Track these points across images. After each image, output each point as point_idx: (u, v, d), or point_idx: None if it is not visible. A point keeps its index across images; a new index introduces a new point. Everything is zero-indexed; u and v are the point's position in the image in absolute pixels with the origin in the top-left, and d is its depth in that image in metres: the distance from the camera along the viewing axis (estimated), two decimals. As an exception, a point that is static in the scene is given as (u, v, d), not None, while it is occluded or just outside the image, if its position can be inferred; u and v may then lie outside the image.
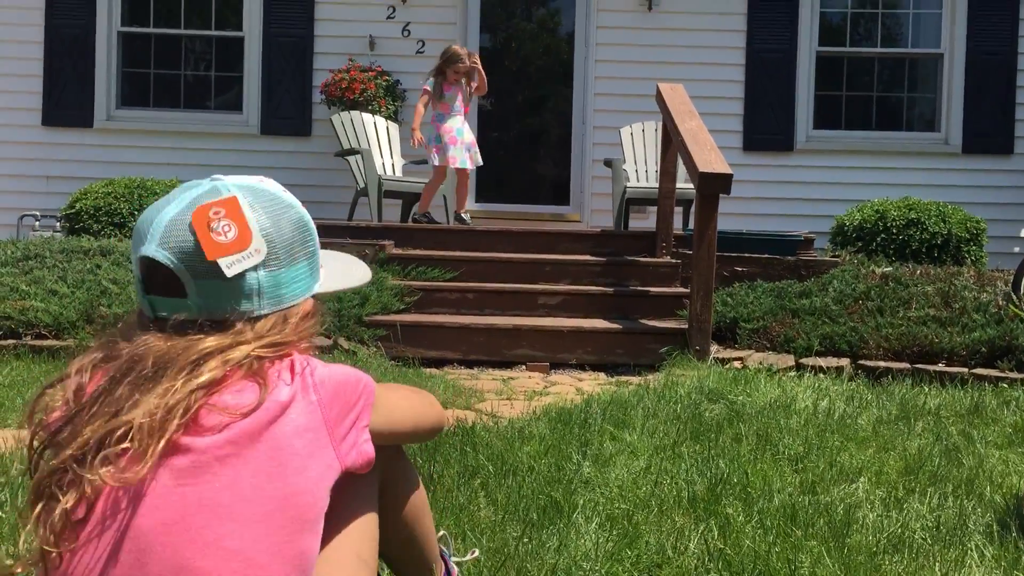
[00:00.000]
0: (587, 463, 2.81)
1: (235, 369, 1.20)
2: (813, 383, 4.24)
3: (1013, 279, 5.26)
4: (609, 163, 7.56)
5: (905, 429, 3.39)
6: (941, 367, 4.50)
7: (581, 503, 2.42)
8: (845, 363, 4.62)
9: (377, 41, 8.11)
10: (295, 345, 1.29)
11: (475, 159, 6.89)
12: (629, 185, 7.32)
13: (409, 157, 7.57)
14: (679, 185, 6.49)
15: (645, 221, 7.59)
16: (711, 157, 5.08)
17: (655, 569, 2.08)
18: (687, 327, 5.05)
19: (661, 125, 6.39)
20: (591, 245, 6.36)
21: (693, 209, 5.86)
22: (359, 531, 1.32)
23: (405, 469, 1.53)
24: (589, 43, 8.27)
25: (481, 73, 6.81)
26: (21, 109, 8.10)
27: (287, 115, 8.17)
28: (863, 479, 2.73)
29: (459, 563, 1.97)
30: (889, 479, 2.76)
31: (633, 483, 2.63)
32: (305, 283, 1.34)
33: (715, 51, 8.15)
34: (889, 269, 5.73)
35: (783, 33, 8.21)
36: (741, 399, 3.81)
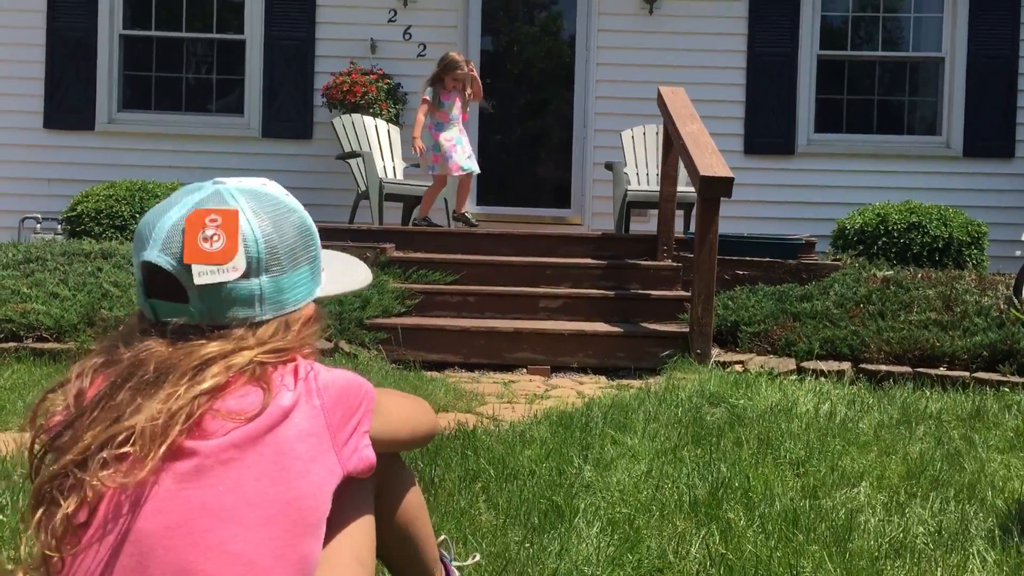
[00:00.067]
0: (588, 467, 2.81)
1: (238, 375, 1.20)
2: (814, 387, 4.24)
3: (1014, 283, 5.25)
4: (610, 166, 7.56)
5: (906, 433, 3.38)
6: (942, 371, 4.50)
7: (582, 507, 2.42)
8: (846, 367, 4.61)
9: (378, 44, 8.12)
10: (298, 350, 1.29)
11: (474, 164, 6.90)
12: (630, 188, 7.32)
13: (410, 160, 7.58)
14: (680, 188, 6.49)
15: (646, 224, 7.58)
16: (712, 160, 5.08)
17: (657, 574, 2.07)
18: (688, 330, 5.04)
19: (662, 128, 6.39)
20: (592, 248, 6.36)
21: (694, 212, 5.86)
22: (357, 534, 1.32)
23: (400, 472, 1.53)
24: (590, 46, 8.27)
25: (477, 80, 6.83)
26: (23, 112, 8.11)
27: (288, 118, 8.17)
28: (865, 483, 2.73)
29: (460, 567, 1.97)
30: (891, 483, 2.76)
31: (634, 487, 2.62)
32: (307, 288, 1.33)
33: (716, 54, 8.15)
34: (890, 273, 5.73)
35: (784, 36, 8.21)
36: (742, 403, 3.81)
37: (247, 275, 1.25)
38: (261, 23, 8.20)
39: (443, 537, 1.88)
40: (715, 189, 4.93)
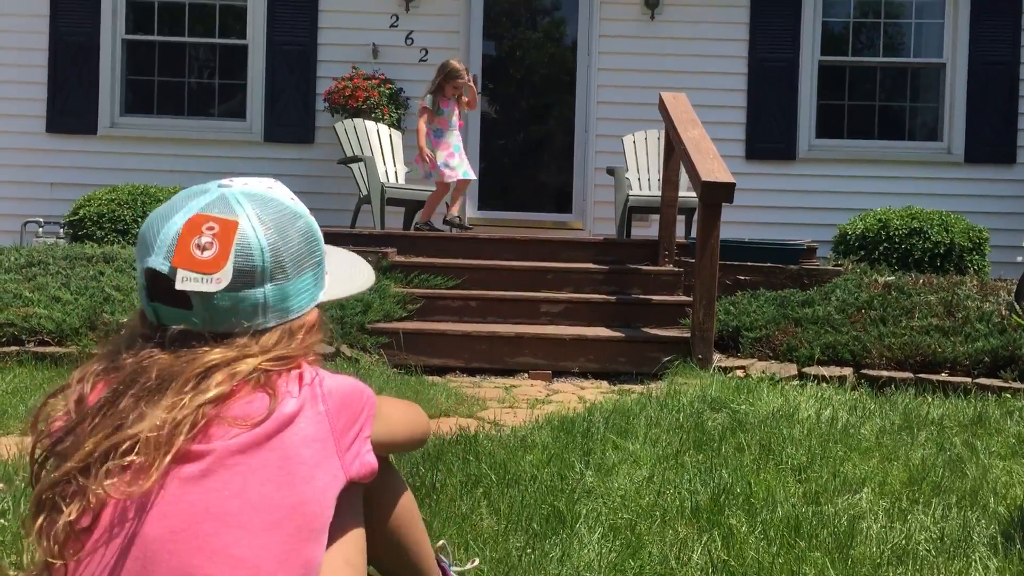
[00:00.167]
0: (590, 472, 2.81)
1: (243, 383, 1.20)
2: (816, 392, 4.23)
3: (1016, 289, 5.25)
4: (612, 171, 7.57)
5: (908, 439, 3.38)
6: (944, 377, 4.49)
7: (584, 513, 2.41)
8: (848, 372, 4.61)
9: (380, 49, 8.13)
10: (302, 357, 1.29)
11: (471, 171, 6.98)
12: (631, 193, 7.32)
13: (412, 165, 7.58)
14: (682, 193, 6.49)
15: (647, 229, 7.58)
16: (714, 166, 5.08)
17: (658, 580, 2.07)
18: (690, 336, 5.04)
19: (664, 133, 6.39)
20: (594, 253, 6.36)
21: (696, 218, 5.87)
22: (346, 537, 1.31)
23: (390, 475, 1.52)
24: (592, 51, 8.28)
25: (472, 89, 6.88)
26: (25, 116, 8.12)
27: (290, 123, 8.18)
28: (866, 489, 2.73)
29: (460, 572, 1.97)
30: (893, 490, 2.75)
31: (636, 493, 2.62)
32: (310, 293, 1.33)
33: (717, 60, 8.16)
34: (892, 278, 5.72)
35: (785, 42, 8.22)
36: (744, 408, 3.80)
37: (252, 284, 1.24)
38: (263, 28, 8.21)
39: (441, 542, 1.88)
40: (717, 194, 4.93)
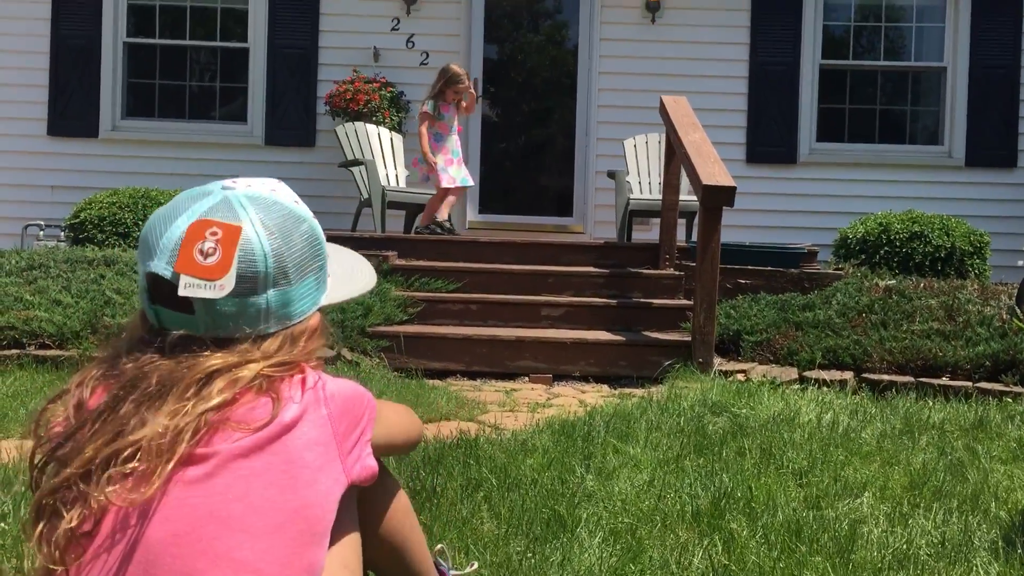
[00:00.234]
0: (590, 476, 2.81)
1: (245, 389, 1.20)
2: (817, 396, 4.23)
3: (1017, 293, 5.25)
4: (612, 175, 7.57)
5: (909, 443, 3.38)
6: (945, 381, 4.49)
7: (584, 517, 2.41)
8: (849, 376, 4.61)
9: (381, 52, 8.14)
10: (304, 362, 1.28)
11: (469, 178, 7.00)
12: (632, 197, 7.32)
13: (411, 168, 7.58)
14: (682, 197, 6.50)
15: (648, 233, 7.58)
16: (714, 169, 5.08)
17: (659, 584, 2.07)
18: (690, 339, 5.04)
19: (664, 137, 6.40)
20: (594, 257, 6.36)
21: (696, 221, 5.87)
22: (343, 540, 1.31)
23: (385, 477, 1.52)
24: (593, 55, 8.29)
25: (472, 95, 6.88)
26: (26, 119, 8.12)
27: (291, 126, 8.19)
28: (868, 494, 2.72)
29: (459, 576, 1.96)
30: (894, 494, 2.75)
31: (636, 497, 2.62)
32: (313, 298, 1.33)
33: (718, 63, 8.17)
34: (892, 282, 5.72)
35: (786, 46, 8.22)
36: (745, 412, 3.80)
37: (254, 290, 1.24)
38: (265, 31, 8.22)
39: (440, 546, 1.88)
40: (717, 198, 4.93)
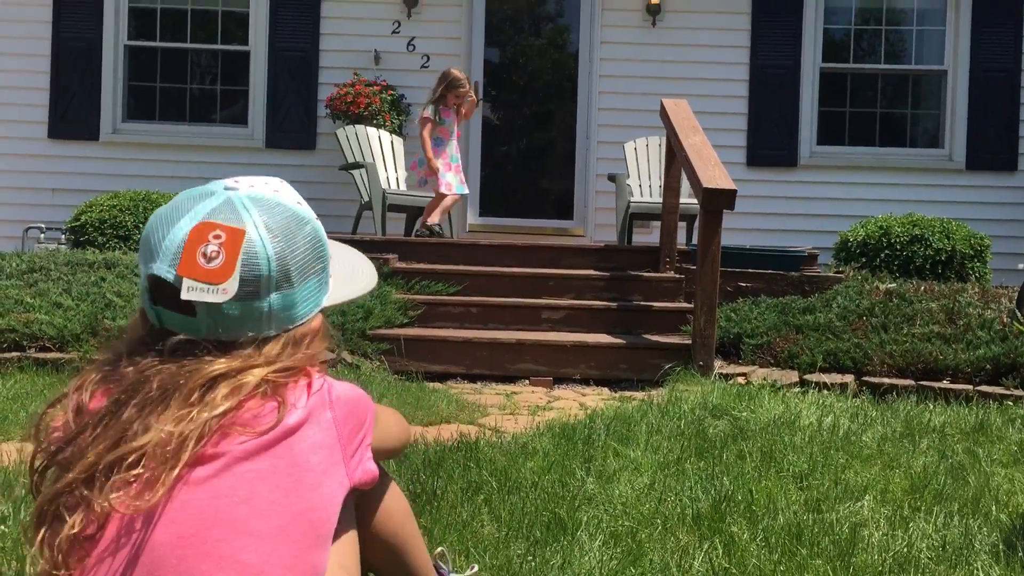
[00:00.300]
0: (591, 479, 2.80)
1: (250, 396, 1.19)
2: (817, 399, 4.23)
3: (1018, 296, 5.24)
4: (613, 178, 7.57)
5: (910, 447, 3.37)
6: (946, 384, 4.49)
7: (585, 520, 2.41)
8: (849, 379, 4.60)
9: (382, 56, 8.14)
10: (309, 365, 1.28)
11: (466, 187, 7.02)
12: (633, 200, 7.33)
13: (409, 171, 7.58)
14: (683, 200, 6.50)
15: (649, 236, 7.58)
16: (715, 172, 5.08)
17: (659, 587, 2.07)
18: (691, 342, 5.04)
19: (665, 140, 6.39)
20: (595, 260, 6.36)
21: (697, 224, 5.87)
22: (341, 542, 1.31)
23: (383, 480, 1.52)
24: (593, 58, 8.29)
25: (473, 101, 6.88)
26: (27, 122, 8.13)
27: (292, 129, 8.19)
28: (868, 497, 2.72)
29: (459, 579, 1.96)
30: (894, 497, 2.75)
31: (637, 500, 2.62)
32: (315, 299, 1.32)
33: (719, 67, 8.17)
34: (893, 285, 5.72)
35: (787, 49, 8.23)
36: (745, 415, 3.80)
37: (257, 294, 1.23)
38: (265, 34, 8.23)
39: (440, 549, 1.88)
40: (718, 201, 4.93)
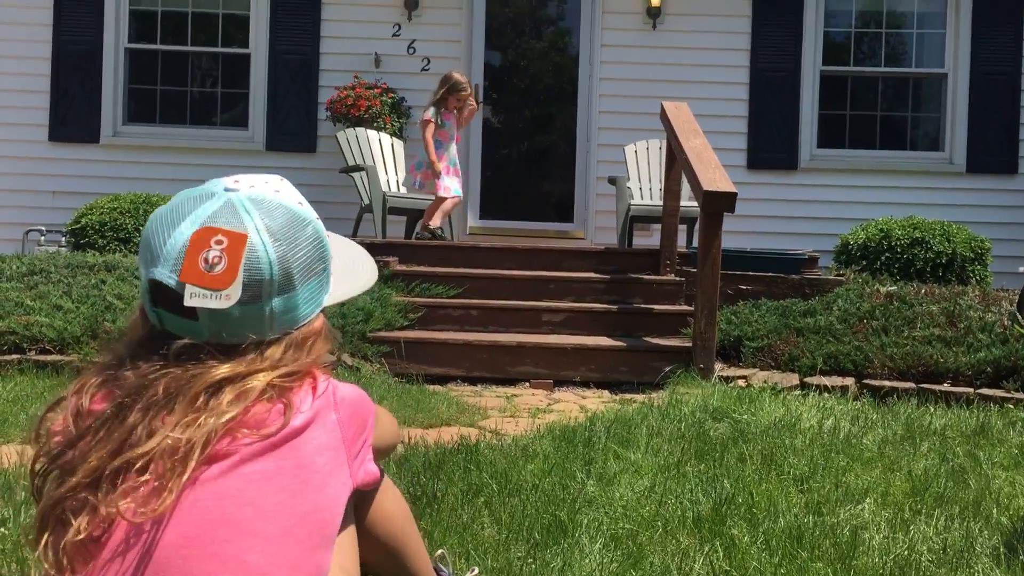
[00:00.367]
0: (591, 482, 2.80)
1: (256, 400, 1.19)
2: (818, 402, 4.22)
3: (1018, 299, 5.24)
4: (613, 181, 7.57)
5: (911, 449, 3.37)
6: (946, 387, 4.48)
7: (585, 523, 2.41)
8: (850, 382, 4.60)
9: (383, 58, 8.15)
10: (312, 367, 1.28)
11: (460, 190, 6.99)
12: (633, 203, 7.33)
13: (407, 174, 7.58)
14: (683, 203, 6.50)
15: (649, 239, 7.59)
16: (715, 175, 5.08)
17: (660, 590, 2.06)
18: (691, 345, 5.03)
19: (665, 143, 6.40)
20: (595, 262, 6.36)
21: (697, 227, 5.87)
22: (339, 542, 1.31)
23: (382, 481, 1.52)
24: (594, 61, 8.30)
25: (473, 107, 6.88)
26: (28, 125, 8.14)
27: (292, 131, 8.20)
28: (869, 500, 2.71)
29: (460, 582, 1.96)
30: (895, 500, 2.74)
31: (637, 503, 2.61)
32: (316, 300, 1.32)
33: (719, 70, 8.18)
34: (893, 288, 5.72)
35: (787, 52, 8.24)
36: (746, 418, 3.79)
37: (259, 298, 1.22)
38: (266, 37, 8.24)
39: (440, 552, 1.87)
40: (718, 204, 4.93)
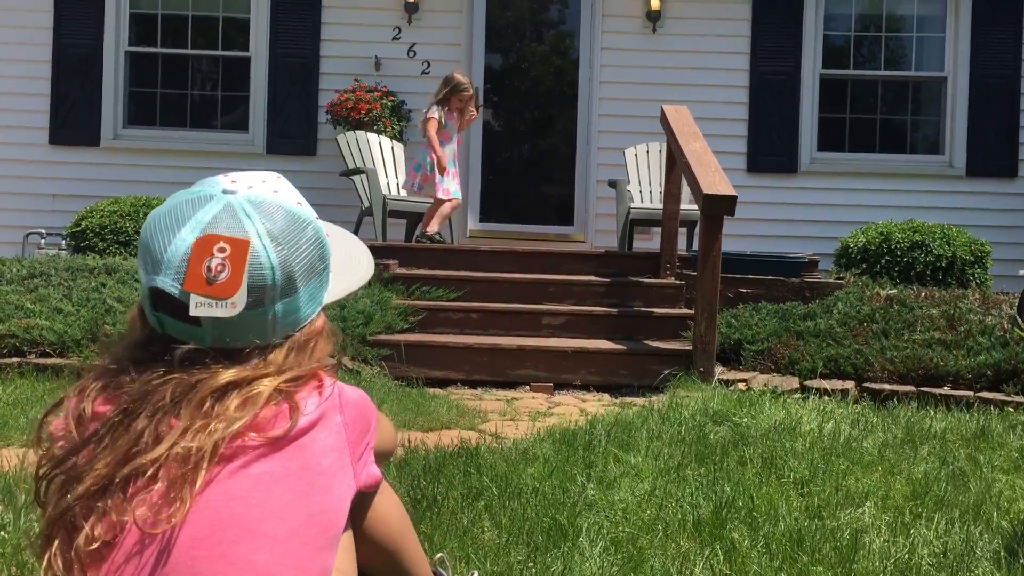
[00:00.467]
0: (591, 485, 2.80)
1: (263, 406, 1.19)
2: (818, 406, 4.22)
3: (1018, 302, 5.24)
4: (613, 184, 7.58)
5: (911, 453, 3.37)
6: (946, 390, 4.48)
7: (585, 526, 2.41)
8: (850, 386, 4.60)
9: (383, 62, 8.16)
10: (317, 368, 1.28)
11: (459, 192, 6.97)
12: (633, 206, 7.33)
13: (406, 177, 7.59)
14: (683, 206, 6.50)
15: (649, 242, 7.59)
16: (715, 179, 5.08)
17: (660, 594, 2.06)
18: (691, 348, 5.03)
19: (665, 146, 6.40)
20: (595, 266, 6.36)
21: (697, 230, 5.86)
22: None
23: (381, 484, 1.52)
24: (594, 64, 8.31)
25: (473, 113, 6.88)
26: (28, 127, 8.15)
27: (293, 135, 8.20)
28: (869, 503, 2.71)
29: (461, 585, 1.96)
30: (895, 504, 2.74)
31: (638, 506, 2.61)
32: (317, 299, 1.32)
33: (719, 73, 8.19)
34: (894, 291, 5.72)
35: (787, 55, 8.25)
36: (746, 421, 3.79)
37: (262, 303, 1.22)
38: (266, 40, 8.25)
39: (440, 555, 1.87)
40: (718, 207, 4.93)
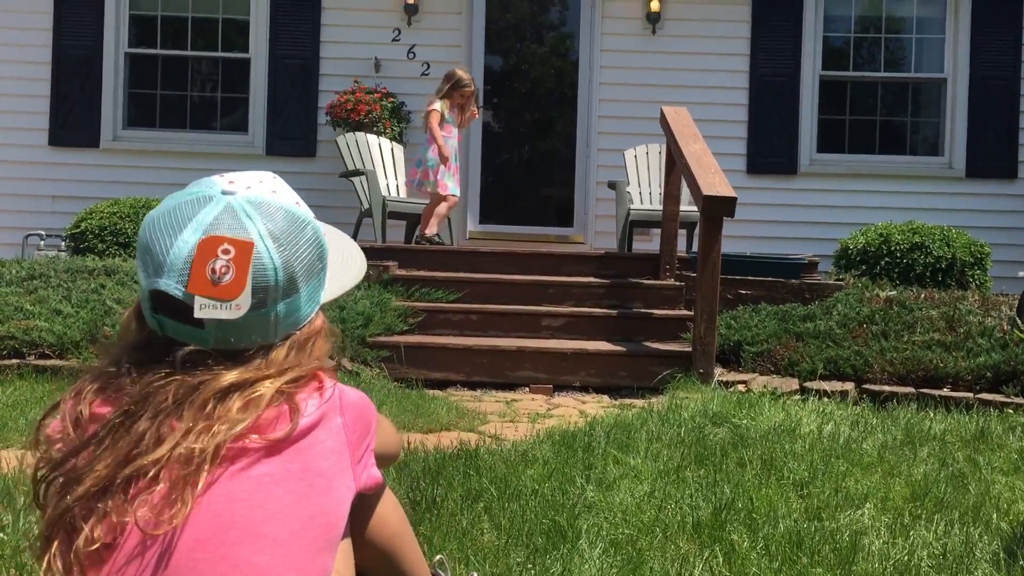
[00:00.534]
0: (591, 487, 2.80)
1: (265, 408, 1.19)
2: (817, 407, 4.22)
3: (1018, 304, 5.24)
4: (613, 185, 7.58)
5: (910, 454, 3.37)
6: (946, 392, 4.48)
7: (585, 528, 2.40)
8: (850, 387, 4.60)
9: (382, 63, 8.16)
10: (317, 368, 1.28)
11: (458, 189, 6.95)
12: (633, 207, 7.33)
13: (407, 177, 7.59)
14: (683, 208, 6.50)
15: (649, 243, 7.59)
16: (715, 180, 5.09)
17: (659, 596, 2.06)
18: (691, 350, 5.03)
19: (665, 148, 6.41)
20: (595, 267, 6.36)
21: (697, 232, 5.87)
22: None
23: (380, 486, 1.52)
24: (594, 66, 8.31)
25: (473, 112, 6.87)
26: (28, 129, 8.14)
27: (292, 136, 8.20)
28: (869, 505, 2.71)
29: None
30: (895, 505, 2.74)
31: (637, 508, 2.61)
32: (316, 298, 1.32)
33: (719, 75, 8.19)
34: (893, 293, 5.72)
35: (787, 57, 8.25)
36: (745, 423, 3.79)
37: (264, 304, 1.22)
38: (266, 42, 8.25)
39: (439, 557, 1.87)
40: (718, 209, 4.93)
